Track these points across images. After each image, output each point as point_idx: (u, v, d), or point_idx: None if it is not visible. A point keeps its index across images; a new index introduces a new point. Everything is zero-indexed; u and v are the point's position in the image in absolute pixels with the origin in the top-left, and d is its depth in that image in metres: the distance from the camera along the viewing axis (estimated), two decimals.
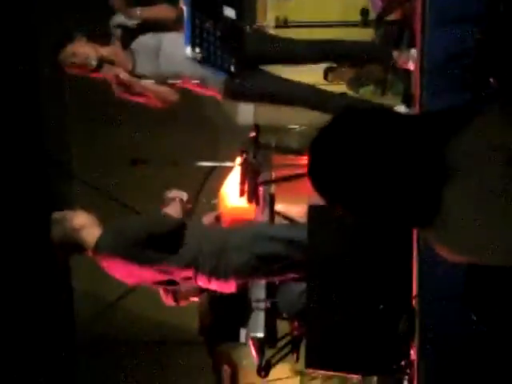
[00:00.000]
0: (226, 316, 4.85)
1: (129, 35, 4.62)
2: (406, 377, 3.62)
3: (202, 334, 4.93)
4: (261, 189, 5.11)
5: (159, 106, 4.69)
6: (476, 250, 1.72)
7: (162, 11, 4.65)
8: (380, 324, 3.49)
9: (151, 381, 6.65)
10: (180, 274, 4.12)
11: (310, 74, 4.97)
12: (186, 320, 5.79)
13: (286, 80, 4.67)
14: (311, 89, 4.69)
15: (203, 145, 6.42)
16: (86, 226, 4.12)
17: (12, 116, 6.05)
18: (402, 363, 3.51)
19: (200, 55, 4.42)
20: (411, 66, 4.33)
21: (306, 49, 4.68)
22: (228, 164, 5.26)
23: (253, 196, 5.00)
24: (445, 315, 3.24)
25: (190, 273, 4.11)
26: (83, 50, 4.59)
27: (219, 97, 4.70)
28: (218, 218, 4.49)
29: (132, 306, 6.74)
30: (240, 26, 4.69)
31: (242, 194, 5.02)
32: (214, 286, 4.15)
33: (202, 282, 4.13)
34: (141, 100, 4.71)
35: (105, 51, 4.65)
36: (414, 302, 3.44)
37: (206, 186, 5.82)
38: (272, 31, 5.36)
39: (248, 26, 4.76)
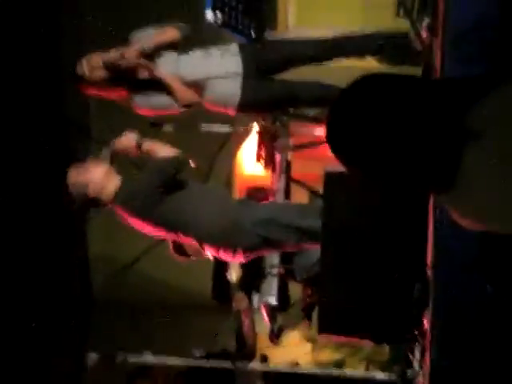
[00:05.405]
0: (239, 281, 4.87)
1: None
2: (419, 346, 3.63)
3: (214, 298, 4.95)
4: (277, 155, 5.10)
5: (180, 105, 4.44)
6: (494, 216, 1.71)
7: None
8: (394, 292, 3.50)
9: (163, 344, 6.69)
10: (186, 241, 4.16)
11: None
12: (199, 284, 5.81)
13: (293, 82, 4.54)
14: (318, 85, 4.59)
15: None
16: (105, 177, 4.16)
17: (33, 78, 6.07)
18: (415, 332, 3.52)
19: (221, 19, 4.40)
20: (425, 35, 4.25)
21: (315, 49, 4.56)
22: (245, 129, 5.24)
23: (270, 162, 5.00)
24: (459, 285, 3.23)
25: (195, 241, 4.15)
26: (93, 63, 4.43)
27: (232, 113, 4.55)
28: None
29: (146, 270, 6.78)
30: None
31: (258, 159, 5.02)
32: (223, 256, 4.19)
33: (210, 251, 4.17)
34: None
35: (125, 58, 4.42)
36: (428, 271, 3.44)
37: (223, 149, 5.82)
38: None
39: None
